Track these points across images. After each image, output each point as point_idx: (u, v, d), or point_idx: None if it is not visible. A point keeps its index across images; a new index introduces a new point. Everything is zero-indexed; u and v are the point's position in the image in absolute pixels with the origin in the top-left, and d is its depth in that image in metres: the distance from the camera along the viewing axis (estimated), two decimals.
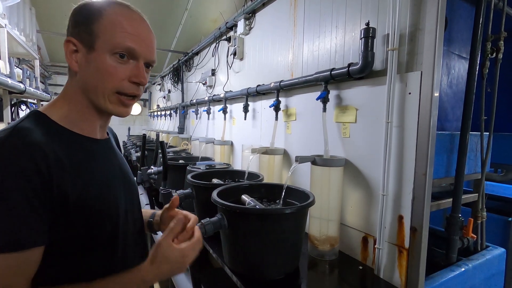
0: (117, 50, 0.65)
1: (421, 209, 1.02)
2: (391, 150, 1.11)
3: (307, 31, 1.65)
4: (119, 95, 0.68)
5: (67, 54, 0.66)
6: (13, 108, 3.82)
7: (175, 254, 0.66)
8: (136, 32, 0.67)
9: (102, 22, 0.65)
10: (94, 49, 0.65)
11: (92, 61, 0.65)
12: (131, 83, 0.68)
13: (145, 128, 7.16)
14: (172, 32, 4.43)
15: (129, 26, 0.66)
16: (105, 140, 0.78)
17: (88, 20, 0.65)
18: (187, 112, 3.92)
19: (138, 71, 0.68)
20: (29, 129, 0.59)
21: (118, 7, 0.67)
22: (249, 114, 2.19)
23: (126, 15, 0.67)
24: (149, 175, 2.11)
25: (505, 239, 1.79)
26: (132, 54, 0.67)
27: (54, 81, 6.86)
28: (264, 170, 1.74)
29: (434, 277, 1.16)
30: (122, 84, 0.67)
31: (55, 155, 0.59)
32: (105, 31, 0.64)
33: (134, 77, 0.67)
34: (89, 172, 0.66)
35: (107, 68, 0.65)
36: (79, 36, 0.66)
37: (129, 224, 0.77)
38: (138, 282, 0.65)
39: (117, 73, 0.66)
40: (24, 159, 0.55)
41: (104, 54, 0.65)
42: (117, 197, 0.73)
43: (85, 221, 0.63)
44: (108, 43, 0.64)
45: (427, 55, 1.00)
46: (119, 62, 0.66)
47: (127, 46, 0.65)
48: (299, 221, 1.09)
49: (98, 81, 0.66)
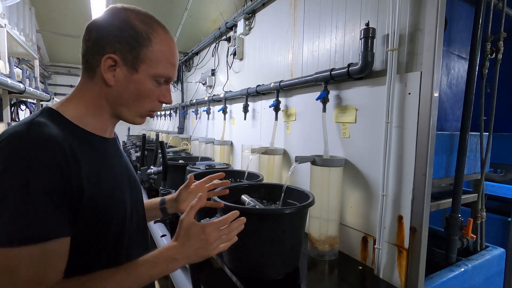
0: (159, 78, 0.71)
1: (421, 209, 1.02)
2: (391, 150, 1.11)
3: (307, 31, 1.65)
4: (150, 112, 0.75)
5: (104, 68, 0.67)
6: (13, 108, 3.82)
7: (196, 229, 0.71)
8: (175, 62, 0.74)
9: (151, 49, 0.68)
10: (137, 71, 0.69)
11: (133, 81, 0.69)
12: (159, 103, 0.75)
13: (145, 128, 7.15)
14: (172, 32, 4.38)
15: (172, 57, 0.72)
16: (113, 139, 0.81)
17: (136, 43, 0.67)
18: (187, 112, 3.91)
19: (167, 93, 0.75)
20: (46, 123, 0.61)
21: (163, 35, 0.71)
22: (249, 114, 2.19)
23: (170, 45, 0.72)
24: (149, 175, 2.11)
25: (505, 239, 1.79)
26: (167, 81, 0.74)
27: (54, 81, 6.85)
28: (263, 170, 1.74)
29: (433, 277, 1.16)
30: (154, 104, 0.74)
31: (71, 150, 0.60)
32: (152, 59, 0.69)
33: (163, 98, 0.75)
34: (101, 170, 0.68)
35: (147, 91, 0.71)
36: (122, 54, 0.67)
37: (134, 223, 0.78)
38: (168, 260, 0.68)
39: (153, 95, 0.72)
40: (44, 151, 0.56)
41: (147, 78, 0.70)
42: (124, 196, 0.74)
43: (94, 219, 0.64)
44: (153, 69, 0.69)
45: (427, 56, 1.01)
46: (156, 86, 0.72)
47: (169, 76, 0.73)
48: (299, 221, 1.09)
49: (135, 100, 0.71)
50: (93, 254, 0.66)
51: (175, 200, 1.03)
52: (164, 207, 1.01)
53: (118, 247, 0.72)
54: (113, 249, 0.70)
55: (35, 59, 4.02)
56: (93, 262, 0.66)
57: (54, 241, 0.56)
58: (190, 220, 0.72)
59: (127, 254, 0.74)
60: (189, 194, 1.03)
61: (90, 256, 0.66)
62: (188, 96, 3.93)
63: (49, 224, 0.56)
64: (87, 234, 0.64)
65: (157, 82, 0.71)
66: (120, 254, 0.72)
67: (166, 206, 1.01)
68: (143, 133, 2.80)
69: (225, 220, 0.76)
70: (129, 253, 0.75)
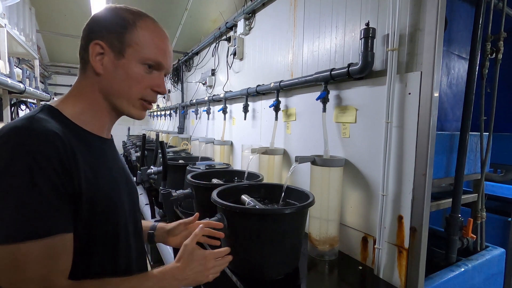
0: (149, 62, 0.70)
1: (421, 209, 1.02)
2: (391, 150, 1.11)
3: (307, 31, 1.65)
4: (142, 101, 0.73)
5: (92, 55, 0.68)
6: (13, 108, 3.82)
7: (198, 254, 0.76)
8: (166, 49, 0.73)
9: (136, 33, 0.69)
10: (124, 56, 0.68)
11: (120, 67, 0.69)
12: (153, 92, 0.74)
13: (145, 128, 7.15)
14: (172, 32, 4.43)
15: (161, 43, 0.72)
16: (111, 140, 0.81)
17: (121, 28, 0.68)
18: (187, 112, 3.91)
19: (161, 82, 0.74)
20: (47, 119, 0.61)
21: (150, 22, 0.72)
22: (249, 114, 2.19)
23: (157, 31, 0.72)
24: (149, 175, 2.11)
25: (505, 239, 1.79)
26: (158, 67, 0.73)
27: (54, 81, 6.84)
28: (264, 170, 1.74)
29: (433, 277, 1.16)
30: (145, 92, 0.72)
31: (71, 147, 0.60)
32: (139, 43, 0.69)
33: (156, 87, 0.73)
34: (98, 170, 0.67)
35: (135, 75, 0.70)
36: (109, 41, 0.68)
37: (131, 224, 0.77)
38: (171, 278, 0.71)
39: (143, 81, 0.71)
40: (47, 146, 0.56)
41: (134, 62, 0.69)
42: (121, 197, 0.74)
43: (92, 219, 0.64)
44: (139, 53, 0.69)
45: (427, 56, 1.01)
46: (146, 72, 0.71)
47: (158, 61, 0.71)
48: (299, 221, 1.09)
49: (124, 86, 0.70)
50: (91, 255, 0.66)
51: (167, 231, 0.97)
52: (152, 233, 0.96)
53: (116, 248, 0.71)
54: (111, 250, 0.70)
55: (35, 59, 4.02)
56: (91, 263, 0.66)
57: (59, 236, 0.56)
58: (194, 245, 0.77)
59: (126, 254, 0.74)
60: (185, 230, 0.98)
61: (88, 256, 0.66)
62: (188, 96, 3.93)
63: (54, 219, 0.56)
64: (85, 235, 0.63)
65: (146, 67, 0.70)
66: (118, 255, 0.72)
67: (155, 233, 0.96)
68: (143, 133, 2.80)
69: (221, 252, 0.83)
70: (128, 253, 0.75)
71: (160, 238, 0.98)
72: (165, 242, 0.98)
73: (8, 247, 0.52)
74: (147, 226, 0.97)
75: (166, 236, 0.98)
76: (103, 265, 0.68)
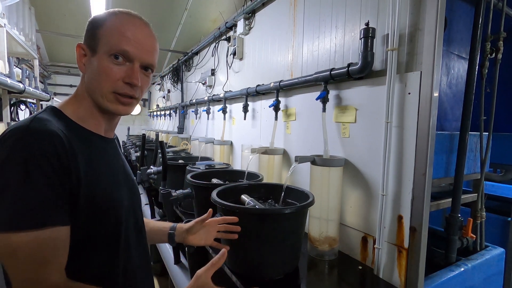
0: (112, 51, 0.69)
1: (421, 209, 1.02)
2: (390, 150, 1.11)
3: (306, 31, 1.65)
4: (115, 94, 0.71)
5: (77, 58, 0.72)
6: (12, 107, 3.81)
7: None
8: (133, 36, 0.70)
9: (105, 27, 0.70)
10: (96, 52, 0.70)
11: (93, 62, 0.70)
12: (125, 84, 0.71)
13: (145, 128, 7.15)
14: (172, 32, 4.43)
15: (127, 30, 0.70)
16: (112, 139, 0.82)
17: (94, 27, 0.71)
18: (187, 112, 3.91)
19: (132, 72, 0.70)
20: (48, 119, 0.63)
21: (121, 14, 0.72)
22: (248, 114, 2.18)
23: (126, 20, 0.71)
24: (149, 175, 2.11)
25: (504, 239, 1.79)
26: (127, 56, 0.70)
27: (54, 81, 6.85)
28: (263, 170, 1.74)
29: (433, 277, 1.16)
30: (116, 84, 0.70)
31: (71, 145, 0.62)
32: (106, 35, 0.69)
33: (127, 78, 0.70)
34: (98, 168, 0.69)
35: (103, 68, 0.69)
36: (87, 41, 0.71)
37: (131, 223, 0.78)
38: None
39: (112, 74, 0.69)
40: (45, 142, 0.58)
41: (103, 56, 0.69)
42: (121, 196, 0.74)
43: (91, 216, 0.65)
44: (106, 45, 0.69)
45: (426, 55, 1.01)
46: (114, 63, 0.69)
47: (122, 48, 0.69)
48: (298, 221, 1.09)
49: (96, 81, 0.70)
50: (89, 252, 0.66)
51: (186, 230, 1.01)
52: (172, 233, 1.00)
53: (115, 247, 0.71)
54: (110, 249, 0.70)
55: (35, 59, 4.02)
56: (90, 262, 0.66)
57: (52, 229, 0.57)
58: (207, 279, 0.70)
59: (126, 253, 0.74)
60: (202, 228, 1.02)
61: (88, 255, 0.66)
62: (188, 96, 3.93)
63: (47, 212, 0.57)
64: (83, 231, 0.64)
65: (114, 58, 0.68)
66: (117, 255, 0.72)
67: (175, 233, 1.00)
68: (143, 133, 2.80)
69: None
70: (128, 252, 0.75)
71: (180, 237, 1.01)
72: (185, 241, 1.02)
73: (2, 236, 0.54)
74: (166, 226, 1.02)
75: (186, 235, 1.01)
76: (103, 261, 0.68)
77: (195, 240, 1.01)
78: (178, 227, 1.02)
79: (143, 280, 0.82)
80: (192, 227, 1.02)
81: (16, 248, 0.55)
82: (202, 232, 1.02)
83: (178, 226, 1.02)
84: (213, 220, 1.02)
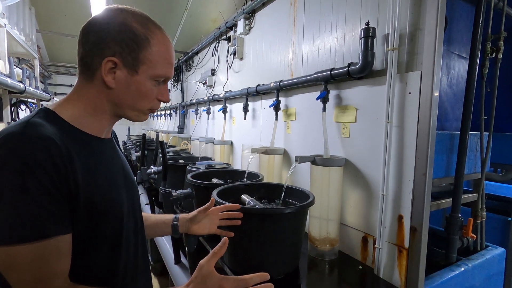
0: (159, 78, 0.73)
1: (421, 209, 1.02)
2: (391, 150, 1.11)
3: (307, 31, 1.65)
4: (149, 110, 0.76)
5: (105, 71, 0.68)
6: (13, 107, 3.82)
7: (213, 281, 0.65)
8: (173, 62, 0.75)
9: (150, 51, 0.69)
10: (138, 73, 0.70)
11: (134, 83, 0.70)
12: (158, 101, 0.76)
13: (145, 128, 7.15)
14: (172, 32, 4.43)
15: (169, 57, 0.74)
16: (109, 139, 0.80)
17: (135, 46, 0.68)
18: (187, 112, 3.91)
19: (165, 92, 0.77)
20: (42, 124, 0.61)
21: (160, 35, 0.72)
22: (249, 114, 2.18)
23: (167, 45, 0.73)
24: (149, 175, 2.10)
25: (505, 239, 1.79)
26: (166, 80, 0.76)
27: (54, 81, 6.85)
28: (264, 170, 1.74)
29: (433, 276, 1.16)
30: (154, 103, 0.75)
31: (67, 150, 0.60)
32: (152, 59, 0.70)
33: (161, 96, 0.76)
34: (96, 170, 0.68)
35: (147, 91, 0.72)
36: (122, 57, 0.68)
37: (131, 223, 0.78)
38: None
39: (152, 95, 0.74)
40: (39, 150, 0.56)
41: (146, 79, 0.71)
42: (121, 197, 0.74)
43: (91, 219, 0.64)
44: (152, 70, 0.70)
45: (427, 55, 1.00)
46: (155, 86, 0.73)
47: (167, 75, 0.74)
48: (299, 221, 1.09)
49: (136, 100, 0.72)
50: (90, 255, 0.66)
51: (189, 219, 1.02)
52: (176, 224, 1.00)
53: (116, 247, 0.71)
54: (111, 250, 0.70)
55: (35, 58, 4.02)
56: (91, 263, 0.66)
57: (52, 239, 0.57)
58: (210, 268, 0.66)
59: (126, 254, 0.74)
60: (205, 217, 1.03)
61: (88, 256, 0.66)
62: (188, 95, 3.93)
63: (47, 222, 0.56)
64: (84, 235, 0.64)
65: (156, 82, 0.73)
66: (119, 255, 0.72)
67: (178, 224, 1.00)
68: (143, 133, 2.80)
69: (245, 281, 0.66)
70: (128, 253, 0.75)
71: (184, 228, 1.02)
72: (188, 230, 1.02)
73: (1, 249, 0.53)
74: (169, 218, 1.01)
75: (189, 224, 1.02)
76: (105, 263, 0.68)
77: (199, 229, 1.02)
78: (181, 218, 1.02)
79: (143, 280, 0.82)
80: (195, 216, 1.02)
81: (18, 261, 0.54)
82: (206, 221, 1.02)
83: (181, 216, 1.02)
84: (215, 208, 1.03)
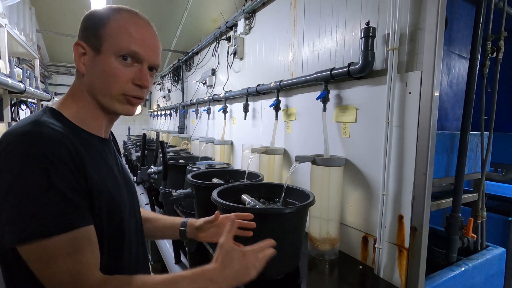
0: (122, 53, 0.67)
1: (421, 209, 1.02)
2: (391, 149, 1.11)
3: (307, 31, 1.65)
4: (126, 96, 0.70)
5: (75, 57, 0.69)
6: (13, 107, 3.82)
7: (237, 254, 0.70)
8: (141, 37, 0.69)
9: (109, 26, 0.67)
10: (101, 52, 0.67)
11: (98, 63, 0.68)
12: (134, 86, 0.70)
13: (145, 127, 7.16)
14: (172, 32, 4.43)
15: (134, 31, 0.68)
16: (109, 140, 0.81)
17: (96, 25, 0.68)
18: (187, 111, 3.92)
19: (141, 74, 0.70)
20: (51, 122, 0.62)
21: (125, 13, 0.70)
22: (249, 113, 2.18)
23: (132, 20, 0.69)
24: (149, 174, 2.11)
25: (505, 239, 1.79)
26: (136, 58, 0.69)
27: (54, 81, 6.87)
28: (264, 170, 1.74)
29: (434, 276, 1.16)
30: (126, 86, 0.70)
31: (79, 148, 0.62)
32: (112, 35, 0.67)
33: (137, 79, 0.70)
34: (100, 170, 0.68)
35: (112, 70, 0.67)
36: (88, 39, 0.68)
37: (133, 223, 0.79)
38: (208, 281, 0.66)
39: (121, 76, 0.68)
40: (59, 147, 0.58)
41: (110, 57, 0.67)
42: (123, 197, 0.75)
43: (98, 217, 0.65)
44: (113, 46, 0.67)
45: (427, 55, 1.00)
46: (124, 65, 0.68)
47: (132, 49, 0.68)
48: (299, 220, 1.09)
49: (104, 83, 0.68)
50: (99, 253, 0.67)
51: (197, 228, 0.99)
52: (184, 230, 0.99)
53: (121, 245, 0.72)
54: (116, 248, 0.71)
55: (36, 58, 4.02)
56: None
57: (82, 229, 0.58)
58: (230, 244, 0.71)
59: (129, 252, 0.75)
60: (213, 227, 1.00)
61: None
62: (189, 95, 3.93)
63: (75, 214, 0.58)
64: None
65: (122, 59, 0.68)
66: (122, 254, 0.73)
67: (186, 230, 0.99)
68: (143, 133, 2.81)
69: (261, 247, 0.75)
70: (130, 252, 0.76)
71: (191, 234, 1.00)
72: (196, 238, 1.00)
73: (36, 244, 0.54)
74: (177, 222, 1.00)
75: (196, 232, 1.00)
76: (109, 261, 0.69)
77: (207, 238, 1.00)
78: (189, 224, 0.99)
79: None
80: (201, 226, 0.99)
81: (55, 253, 0.55)
82: (213, 230, 1.00)
83: (189, 223, 1.00)
84: (224, 216, 1.00)
